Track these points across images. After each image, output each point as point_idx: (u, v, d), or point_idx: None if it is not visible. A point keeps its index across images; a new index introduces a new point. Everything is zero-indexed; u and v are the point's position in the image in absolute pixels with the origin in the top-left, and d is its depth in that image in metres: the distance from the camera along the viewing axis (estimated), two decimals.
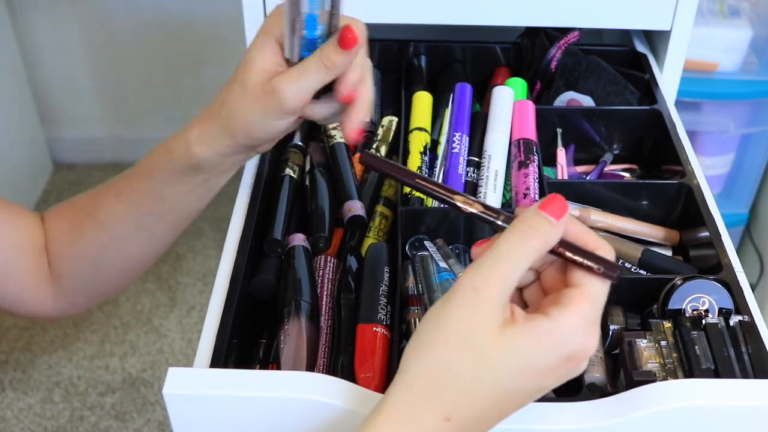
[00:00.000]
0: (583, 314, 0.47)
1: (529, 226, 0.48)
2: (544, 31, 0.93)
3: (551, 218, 0.48)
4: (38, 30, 2.08)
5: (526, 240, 0.47)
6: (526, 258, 0.47)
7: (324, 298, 0.70)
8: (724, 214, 0.84)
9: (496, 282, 0.46)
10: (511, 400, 0.48)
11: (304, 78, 0.61)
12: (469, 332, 0.46)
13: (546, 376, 0.47)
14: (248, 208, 0.74)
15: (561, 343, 0.46)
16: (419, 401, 0.47)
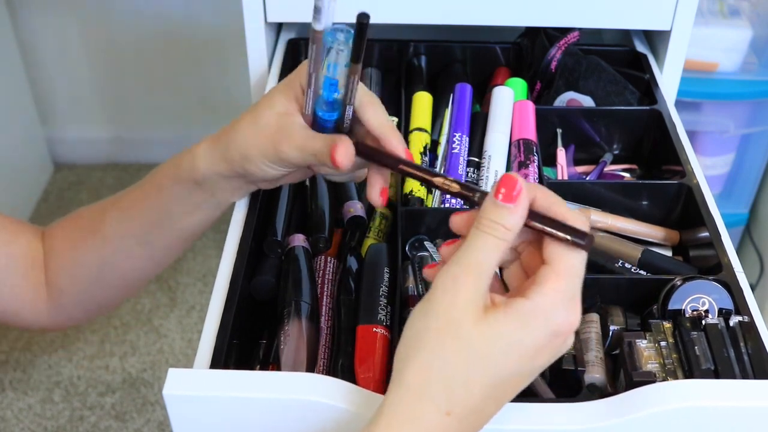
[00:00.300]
0: (560, 290, 0.48)
1: (488, 219, 0.49)
2: (544, 31, 0.93)
3: (507, 204, 0.48)
4: (38, 30, 2.08)
5: (489, 232, 0.48)
6: (495, 247, 0.48)
7: (324, 299, 0.70)
8: (724, 214, 0.84)
9: (470, 270, 0.48)
10: (507, 385, 0.48)
11: (303, 151, 0.62)
12: (454, 320, 0.47)
13: (536, 356, 0.48)
14: (248, 208, 0.74)
15: (543, 322, 0.47)
16: (417, 400, 0.47)
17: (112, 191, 2.38)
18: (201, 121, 2.17)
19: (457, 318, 0.47)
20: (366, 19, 0.55)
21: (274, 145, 0.62)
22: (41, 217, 2.12)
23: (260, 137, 0.63)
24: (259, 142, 0.63)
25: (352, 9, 0.92)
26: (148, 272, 0.77)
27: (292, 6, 0.92)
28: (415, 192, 0.77)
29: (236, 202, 0.75)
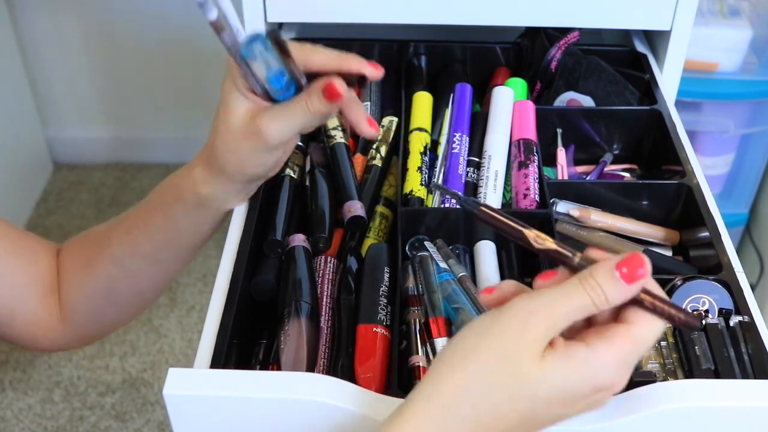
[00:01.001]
0: (625, 351, 0.47)
1: (596, 282, 0.47)
2: (544, 31, 0.93)
3: (622, 282, 0.47)
4: (38, 30, 2.08)
5: (590, 293, 0.47)
6: (584, 309, 0.47)
7: (324, 299, 0.69)
8: (724, 214, 0.84)
9: (550, 315, 0.47)
10: (533, 423, 0.48)
11: (288, 119, 0.63)
12: (513, 350, 0.46)
13: (572, 405, 0.47)
14: (248, 208, 0.74)
15: (594, 374, 0.46)
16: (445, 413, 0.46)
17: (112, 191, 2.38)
18: (201, 121, 2.17)
19: (516, 350, 0.46)
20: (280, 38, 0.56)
21: (258, 136, 0.63)
22: (41, 217, 2.13)
23: (242, 138, 0.64)
24: (244, 143, 0.64)
25: (353, 9, 0.92)
26: (158, 286, 0.78)
27: (292, 6, 0.92)
28: (415, 192, 0.77)
29: None
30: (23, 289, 0.74)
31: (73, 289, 0.75)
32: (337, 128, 0.82)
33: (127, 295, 0.77)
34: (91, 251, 0.75)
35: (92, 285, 0.75)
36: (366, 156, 0.84)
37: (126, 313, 0.80)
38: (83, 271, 0.75)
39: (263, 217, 0.74)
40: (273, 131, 0.63)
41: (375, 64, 0.64)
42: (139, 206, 0.74)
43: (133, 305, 0.79)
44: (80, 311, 0.76)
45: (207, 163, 0.68)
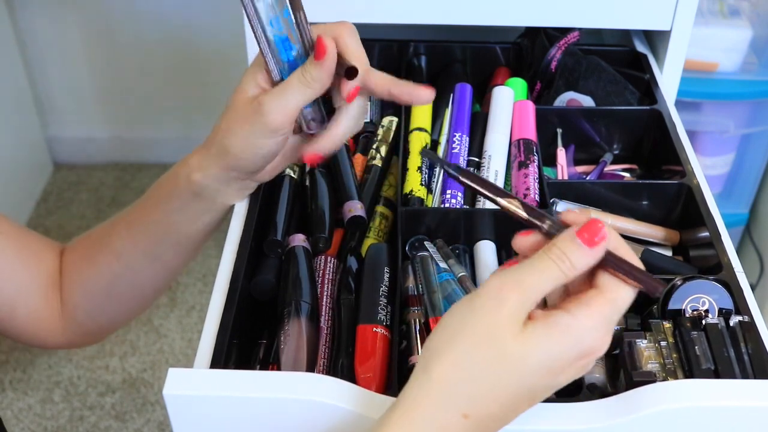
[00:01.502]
0: (603, 315, 0.48)
1: (562, 252, 0.49)
2: (544, 31, 0.93)
3: (584, 246, 0.49)
4: (38, 30, 2.08)
5: (558, 263, 0.48)
6: (555, 278, 0.48)
7: (324, 299, 0.69)
8: (724, 214, 0.84)
9: (523, 289, 0.48)
10: (526, 398, 0.48)
11: (286, 93, 0.62)
12: (493, 330, 0.47)
13: (560, 374, 0.48)
14: (248, 208, 0.74)
15: (578, 340, 0.47)
16: (438, 396, 0.47)
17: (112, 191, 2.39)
18: (201, 121, 2.17)
19: (497, 328, 0.47)
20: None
21: (259, 113, 0.63)
22: (41, 217, 2.13)
23: (243, 120, 0.64)
24: (246, 124, 0.64)
25: (354, 10, 0.92)
26: (160, 283, 0.78)
27: None
28: (415, 192, 0.77)
29: None
30: (25, 287, 0.74)
31: (75, 285, 0.76)
32: None
33: (128, 291, 0.77)
34: (93, 248, 0.75)
35: (94, 281, 0.75)
36: (366, 156, 0.84)
37: (126, 311, 0.80)
38: (85, 267, 0.75)
39: (263, 217, 0.74)
40: (271, 105, 0.62)
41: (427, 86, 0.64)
42: (139, 201, 0.74)
43: (134, 303, 0.79)
44: (81, 308, 0.76)
45: (206, 148, 0.67)
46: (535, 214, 0.52)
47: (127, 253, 0.74)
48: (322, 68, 0.62)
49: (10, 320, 0.74)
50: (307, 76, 0.62)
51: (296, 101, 0.63)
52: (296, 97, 0.63)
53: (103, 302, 0.77)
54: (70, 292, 0.76)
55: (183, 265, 0.77)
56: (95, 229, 0.77)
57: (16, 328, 0.76)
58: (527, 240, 0.52)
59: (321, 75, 0.62)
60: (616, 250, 0.50)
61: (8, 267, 0.73)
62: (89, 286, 0.75)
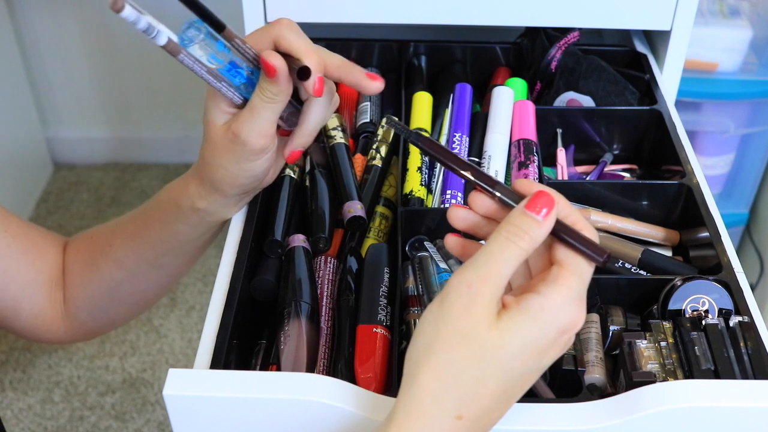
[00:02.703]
0: (572, 287, 0.48)
1: (516, 227, 0.49)
2: (544, 31, 0.93)
3: (537, 217, 0.49)
4: (38, 30, 2.08)
5: (513, 240, 0.48)
6: (515, 257, 0.48)
7: (324, 299, 0.69)
8: (724, 214, 0.84)
9: (488, 278, 0.48)
10: (516, 385, 0.48)
11: (255, 115, 0.62)
12: (468, 327, 0.47)
13: (544, 354, 0.48)
14: (248, 208, 0.74)
15: (554, 318, 0.48)
16: (429, 405, 0.47)
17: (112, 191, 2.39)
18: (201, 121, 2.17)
19: (472, 324, 0.47)
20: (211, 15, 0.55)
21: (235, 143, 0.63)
22: (41, 217, 2.13)
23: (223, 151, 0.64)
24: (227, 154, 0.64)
25: (354, 10, 0.92)
26: (162, 288, 0.79)
27: (292, 6, 0.92)
28: (415, 192, 0.77)
29: None
30: (30, 284, 0.75)
31: (77, 288, 0.76)
32: (337, 128, 0.82)
33: (130, 295, 0.78)
34: (96, 253, 0.76)
35: (96, 285, 0.76)
36: (366, 156, 0.84)
37: (128, 312, 0.81)
38: (87, 271, 0.76)
39: (263, 217, 0.74)
40: (245, 132, 0.63)
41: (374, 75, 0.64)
42: (140, 212, 0.75)
43: (136, 305, 0.80)
44: (83, 309, 0.77)
45: (200, 180, 0.68)
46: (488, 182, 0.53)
47: (129, 262, 0.75)
48: (277, 83, 0.61)
49: (15, 318, 0.75)
50: (267, 94, 0.62)
51: (267, 119, 0.63)
52: (265, 115, 0.62)
53: (105, 305, 0.77)
54: (73, 293, 0.76)
55: (186, 270, 0.78)
56: (97, 229, 0.78)
57: (20, 326, 0.76)
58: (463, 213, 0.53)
59: (279, 89, 0.61)
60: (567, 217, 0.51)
61: (14, 266, 0.73)
62: (91, 290, 0.76)
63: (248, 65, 0.63)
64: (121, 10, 0.50)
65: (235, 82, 0.62)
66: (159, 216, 0.73)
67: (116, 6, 0.49)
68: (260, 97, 0.62)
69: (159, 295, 0.81)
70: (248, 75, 0.63)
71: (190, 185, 0.69)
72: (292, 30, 0.63)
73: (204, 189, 0.68)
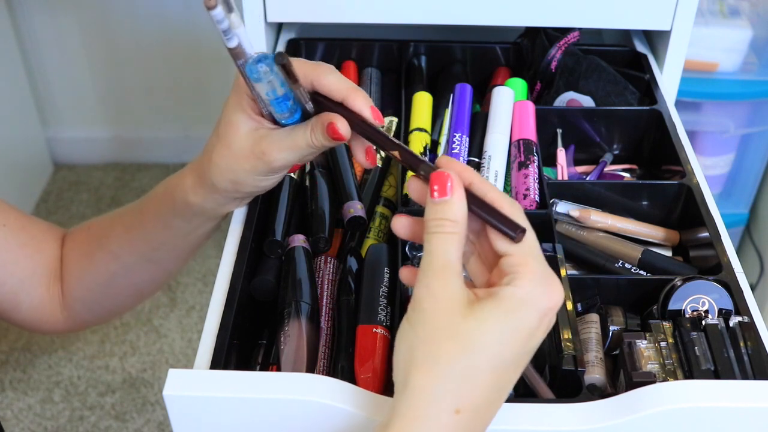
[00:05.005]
0: (535, 272, 0.49)
1: (432, 220, 0.50)
2: (544, 31, 0.93)
3: (443, 198, 0.50)
4: (38, 30, 2.08)
5: (439, 231, 0.50)
6: (450, 243, 0.50)
7: (324, 299, 0.70)
8: (724, 214, 0.84)
9: (438, 273, 0.49)
10: (508, 371, 0.49)
11: (293, 149, 0.62)
12: (444, 322, 0.48)
13: (530, 338, 0.49)
14: (248, 208, 0.74)
15: (531, 304, 0.48)
16: (426, 403, 0.47)
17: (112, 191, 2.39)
18: (201, 121, 2.17)
19: (445, 318, 0.48)
20: (286, 60, 0.54)
21: (261, 160, 0.62)
22: (41, 217, 2.12)
23: (242, 160, 0.63)
24: (245, 164, 0.63)
25: (354, 9, 0.92)
26: (157, 282, 0.79)
27: (292, 6, 0.92)
28: None
29: None
30: (28, 277, 0.75)
31: (74, 279, 0.77)
32: None
33: (125, 288, 0.78)
34: (92, 244, 0.76)
35: (92, 277, 0.76)
36: None
37: (123, 305, 0.82)
38: (84, 263, 0.76)
39: (263, 218, 0.74)
40: (278, 159, 0.62)
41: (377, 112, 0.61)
42: (137, 205, 0.74)
43: (131, 297, 0.80)
44: (79, 301, 0.77)
45: (199, 177, 0.67)
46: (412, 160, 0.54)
47: (124, 255, 0.74)
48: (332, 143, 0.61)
49: (15, 311, 0.75)
50: (316, 142, 0.61)
51: (302, 155, 0.62)
52: (303, 152, 0.62)
53: (101, 297, 0.78)
54: (70, 285, 0.77)
55: (180, 266, 0.78)
56: (95, 221, 0.78)
57: (20, 318, 0.77)
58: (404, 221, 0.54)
59: (330, 145, 0.61)
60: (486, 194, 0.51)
61: (12, 259, 0.74)
62: (87, 282, 0.76)
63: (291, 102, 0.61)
64: (214, 8, 0.50)
65: (277, 110, 0.61)
66: (154, 208, 0.72)
67: (209, 3, 0.49)
68: (309, 139, 0.61)
69: (153, 290, 0.81)
70: (291, 105, 0.61)
71: (186, 179, 0.68)
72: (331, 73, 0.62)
73: (201, 186, 0.67)
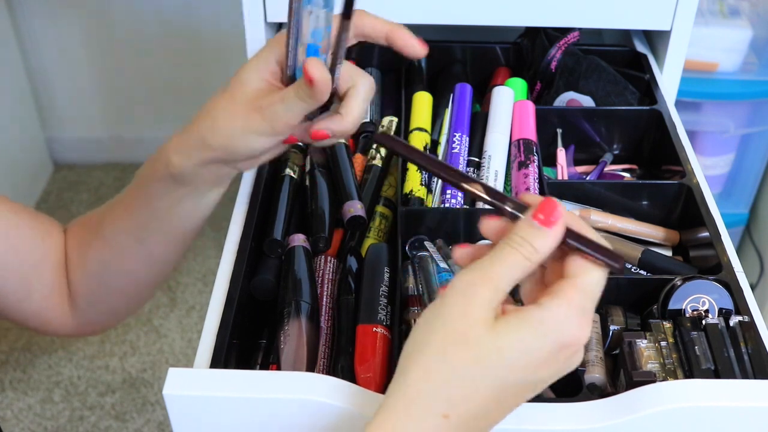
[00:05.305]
0: (574, 302, 0.47)
1: (521, 237, 0.48)
2: (544, 31, 0.93)
3: (544, 228, 0.48)
4: (38, 30, 2.08)
5: (519, 250, 0.48)
6: (519, 264, 0.48)
7: (324, 299, 0.70)
8: (724, 214, 0.84)
9: (489, 280, 0.47)
10: (510, 394, 0.48)
11: (284, 103, 0.61)
12: (464, 328, 0.47)
13: (542, 367, 0.47)
14: (248, 208, 0.74)
15: (553, 331, 0.47)
16: (416, 399, 0.47)
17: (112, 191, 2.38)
18: None
19: (468, 325, 0.47)
20: None
21: (259, 113, 0.61)
22: None
23: (241, 112, 0.62)
24: (241, 118, 0.62)
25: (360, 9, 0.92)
26: (150, 274, 0.77)
27: None
28: (415, 192, 0.77)
29: (236, 202, 0.75)
30: (39, 264, 0.74)
31: (75, 270, 0.76)
32: None
33: (119, 280, 0.76)
34: (89, 233, 0.75)
35: (88, 268, 0.75)
36: (366, 156, 0.84)
37: (121, 302, 0.79)
38: (82, 252, 0.75)
39: (263, 217, 0.74)
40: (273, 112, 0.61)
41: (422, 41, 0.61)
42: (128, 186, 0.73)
43: (127, 294, 0.78)
44: (81, 294, 0.76)
45: (189, 132, 0.65)
46: (497, 196, 0.51)
47: (114, 238, 0.73)
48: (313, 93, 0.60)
49: (27, 300, 0.74)
50: (301, 94, 0.60)
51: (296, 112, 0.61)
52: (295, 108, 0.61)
53: (98, 289, 0.76)
54: (72, 276, 0.76)
55: (171, 258, 0.76)
56: (93, 212, 0.77)
57: (32, 310, 0.75)
58: (493, 224, 0.51)
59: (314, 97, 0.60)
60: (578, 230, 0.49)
61: (26, 243, 0.73)
62: (85, 272, 0.75)
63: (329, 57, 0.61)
64: None
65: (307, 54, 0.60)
66: (139, 181, 0.70)
67: None
68: (296, 91, 0.60)
69: (148, 286, 0.78)
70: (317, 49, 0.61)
71: (169, 144, 0.66)
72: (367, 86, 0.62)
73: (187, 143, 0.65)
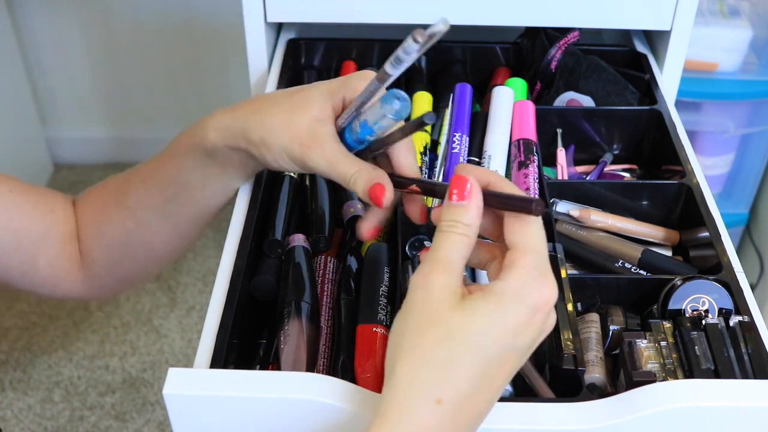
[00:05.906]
0: (528, 266, 0.49)
1: (449, 219, 0.51)
2: (544, 31, 0.93)
3: (461, 202, 0.51)
4: (38, 30, 2.08)
5: (450, 230, 0.51)
6: (459, 243, 0.51)
7: (324, 299, 0.70)
8: (724, 214, 0.84)
9: (440, 266, 0.50)
10: (493, 367, 0.48)
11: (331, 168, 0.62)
12: (431, 312, 0.49)
13: (517, 335, 0.49)
14: (248, 208, 0.74)
15: (518, 299, 0.48)
16: (407, 392, 0.47)
17: None
18: None
19: (434, 308, 0.49)
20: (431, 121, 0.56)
21: (302, 149, 0.62)
22: None
23: (289, 135, 0.63)
24: (287, 140, 0.63)
25: (354, 9, 0.92)
26: (172, 246, 0.77)
27: (292, 6, 0.92)
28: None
29: (236, 201, 0.75)
30: (43, 237, 0.75)
31: (92, 239, 0.76)
32: None
33: (141, 249, 0.77)
34: (108, 202, 0.75)
35: (109, 237, 0.75)
36: None
37: (141, 270, 0.80)
38: (102, 222, 0.75)
39: (263, 217, 0.74)
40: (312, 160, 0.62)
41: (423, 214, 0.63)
42: (157, 155, 0.73)
43: (148, 261, 0.79)
44: (98, 262, 0.77)
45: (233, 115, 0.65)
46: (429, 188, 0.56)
47: (140, 209, 0.73)
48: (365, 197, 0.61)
49: (34, 271, 0.75)
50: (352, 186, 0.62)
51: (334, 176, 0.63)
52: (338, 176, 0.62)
53: (119, 258, 0.77)
54: (88, 245, 0.76)
55: (193, 233, 0.77)
56: (109, 181, 0.77)
57: (39, 279, 0.76)
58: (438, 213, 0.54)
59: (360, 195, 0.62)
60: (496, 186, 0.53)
61: (26, 220, 0.73)
62: (105, 241, 0.76)
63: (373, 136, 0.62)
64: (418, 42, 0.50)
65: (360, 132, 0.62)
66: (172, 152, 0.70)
67: (416, 37, 0.50)
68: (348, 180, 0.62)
69: (169, 256, 0.79)
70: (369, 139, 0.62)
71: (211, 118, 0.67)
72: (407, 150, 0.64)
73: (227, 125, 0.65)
